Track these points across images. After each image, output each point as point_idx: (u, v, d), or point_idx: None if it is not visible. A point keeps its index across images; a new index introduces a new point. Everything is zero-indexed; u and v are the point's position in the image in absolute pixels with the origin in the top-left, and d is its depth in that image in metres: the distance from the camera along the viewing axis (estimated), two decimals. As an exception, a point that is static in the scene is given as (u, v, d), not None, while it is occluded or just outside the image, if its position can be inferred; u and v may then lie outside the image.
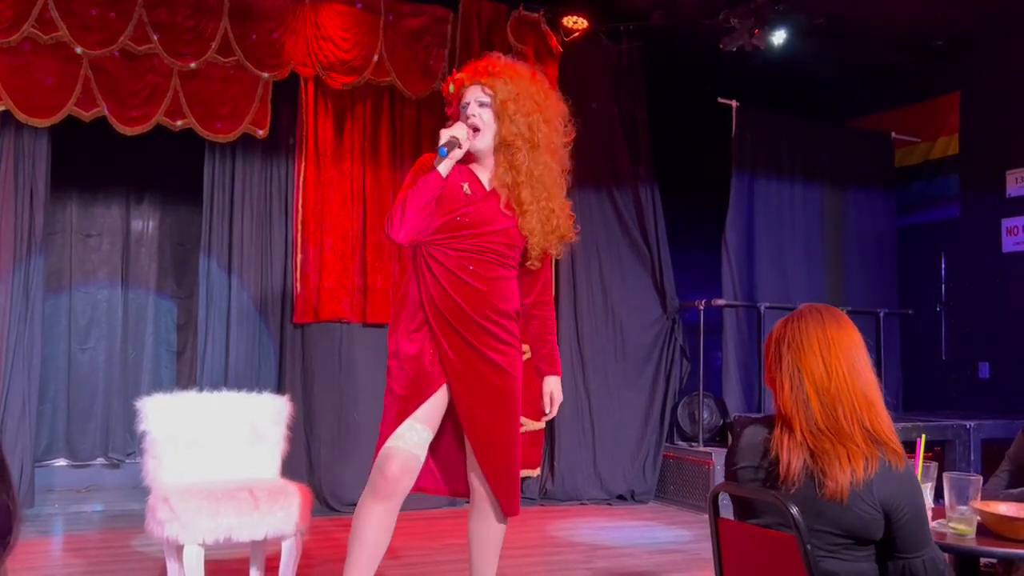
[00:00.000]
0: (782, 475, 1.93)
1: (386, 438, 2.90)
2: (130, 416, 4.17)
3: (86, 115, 5.21)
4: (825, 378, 1.95)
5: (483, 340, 2.92)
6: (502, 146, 2.92)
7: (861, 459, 1.86)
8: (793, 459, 1.93)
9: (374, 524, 2.86)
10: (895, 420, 6.27)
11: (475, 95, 2.94)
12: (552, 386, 3.19)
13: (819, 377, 1.96)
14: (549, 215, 2.96)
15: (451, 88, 3.02)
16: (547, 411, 3.21)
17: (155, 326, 6.67)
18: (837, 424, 1.92)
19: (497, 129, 2.91)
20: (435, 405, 2.94)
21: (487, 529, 3.05)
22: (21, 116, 5.08)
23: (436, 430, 2.96)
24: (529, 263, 3.01)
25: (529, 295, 3.11)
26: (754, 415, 5.76)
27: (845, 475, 1.86)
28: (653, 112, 6.65)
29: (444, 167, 2.89)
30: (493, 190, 2.96)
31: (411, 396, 2.91)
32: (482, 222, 2.91)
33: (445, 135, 2.89)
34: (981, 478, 2.25)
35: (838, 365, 1.96)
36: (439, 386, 2.92)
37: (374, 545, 2.88)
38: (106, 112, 5.22)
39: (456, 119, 2.99)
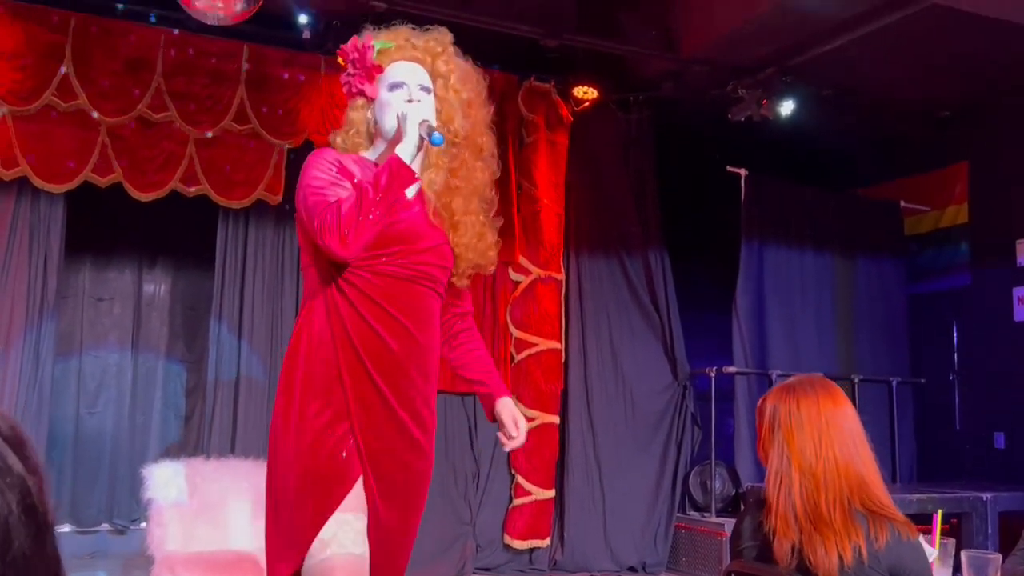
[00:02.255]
0: (776, 556, 1.93)
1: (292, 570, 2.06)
2: (136, 481, 4.13)
3: (102, 181, 5.28)
4: (814, 461, 1.93)
5: (411, 403, 2.17)
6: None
7: (847, 541, 1.84)
8: (782, 541, 1.91)
9: None
10: (910, 492, 6.08)
11: (415, 76, 2.25)
12: (512, 409, 2.38)
13: (808, 459, 1.94)
14: (482, 231, 2.33)
15: (375, 50, 2.26)
16: (513, 435, 2.35)
17: (164, 390, 6.66)
18: (817, 509, 1.90)
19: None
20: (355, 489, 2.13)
21: None
22: (38, 182, 5.14)
23: (367, 510, 2.13)
24: (455, 278, 2.33)
25: (447, 311, 2.38)
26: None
27: (831, 561, 1.84)
28: (662, 180, 6.71)
29: (413, 163, 2.14)
30: (418, 195, 2.24)
31: (324, 499, 2.07)
32: (415, 236, 2.18)
33: (417, 117, 2.14)
34: (1000, 556, 2.20)
35: (830, 446, 1.93)
36: (357, 475, 2.10)
37: None
38: (122, 178, 5.28)
39: (362, 94, 2.28)
